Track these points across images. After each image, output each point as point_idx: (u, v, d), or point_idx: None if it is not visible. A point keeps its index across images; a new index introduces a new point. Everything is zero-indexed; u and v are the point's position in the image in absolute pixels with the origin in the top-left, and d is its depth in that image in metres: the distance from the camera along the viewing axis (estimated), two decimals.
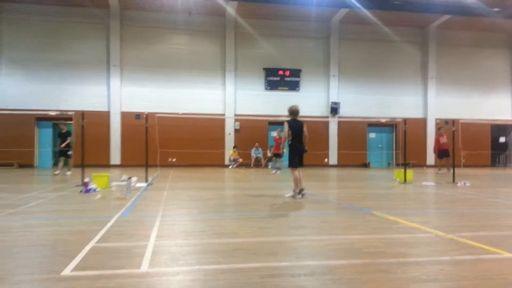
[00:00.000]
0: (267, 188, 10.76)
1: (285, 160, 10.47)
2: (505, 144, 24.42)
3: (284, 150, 8.69)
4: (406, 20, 22.06)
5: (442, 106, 23.11)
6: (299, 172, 7.93)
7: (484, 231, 4.88)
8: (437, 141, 16.66)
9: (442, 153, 16.38)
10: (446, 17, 21.49)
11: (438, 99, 23.24)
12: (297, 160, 7.96)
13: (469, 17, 21.08)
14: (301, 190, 7.88)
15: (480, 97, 23.69)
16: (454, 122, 12.83)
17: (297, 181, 7.86)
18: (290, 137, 7.91)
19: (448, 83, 23.43)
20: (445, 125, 17.20)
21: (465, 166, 18.27)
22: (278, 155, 16.65)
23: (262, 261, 3.41)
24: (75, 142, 14.65)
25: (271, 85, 21.94)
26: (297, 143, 7.95)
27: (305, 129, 8.04)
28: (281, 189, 10.59)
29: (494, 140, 24.10)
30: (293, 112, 8.05)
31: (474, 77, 23.68)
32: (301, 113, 8.28)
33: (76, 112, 13.25)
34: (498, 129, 24.04)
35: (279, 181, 13.22)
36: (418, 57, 23.39)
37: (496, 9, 19.79)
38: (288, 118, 8.10)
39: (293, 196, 7.82)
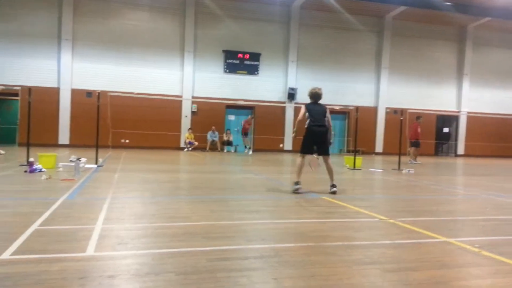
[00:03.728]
0: (222, 172, 10.78)
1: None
2: (448, 134, 25.87)
3: (293, 134, 7.88)
4: (365, 9, 22.46)
5: (392, 96, 23.94)
6: (302, 160, 7.00)
7: (424, 216, 5.19)
8: (415, 130, 16.37)
9: (416, 142, 16.44)
10: (402, 8, 22.10)
11: (389, 89, 24.04)
12: (308, 145, 7.07)
13: (423, 10, 21.83)
14: (332, 186, 6.73)
15: (428, 88, 24.76)
16: (402, 111, 13.40)
17: (298, 169, 6.91)
18: (307, 120, 7.09)
19: (399, 73, 24.27)
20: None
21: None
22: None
23: (212, 244, 3.43)
24: (20, 119, 13.85)
25: (230, 68, 21.71)
26: (315, 126, 6.97)
27: (328, 114, 7.16)
28: (236, 173, 10.66)
29: (439, 130, 25.45)
30: (312, 95, 7.32)
31: (424, 68, 24.67)
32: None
33: (23, 87, 12.49)
34: (443, 119, 25.37)
35: (234, 165, 13.29)
36: (373, 46, 24.00)
37: (448, 3, 20.68)
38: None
39: (296, 190, 6.69)
